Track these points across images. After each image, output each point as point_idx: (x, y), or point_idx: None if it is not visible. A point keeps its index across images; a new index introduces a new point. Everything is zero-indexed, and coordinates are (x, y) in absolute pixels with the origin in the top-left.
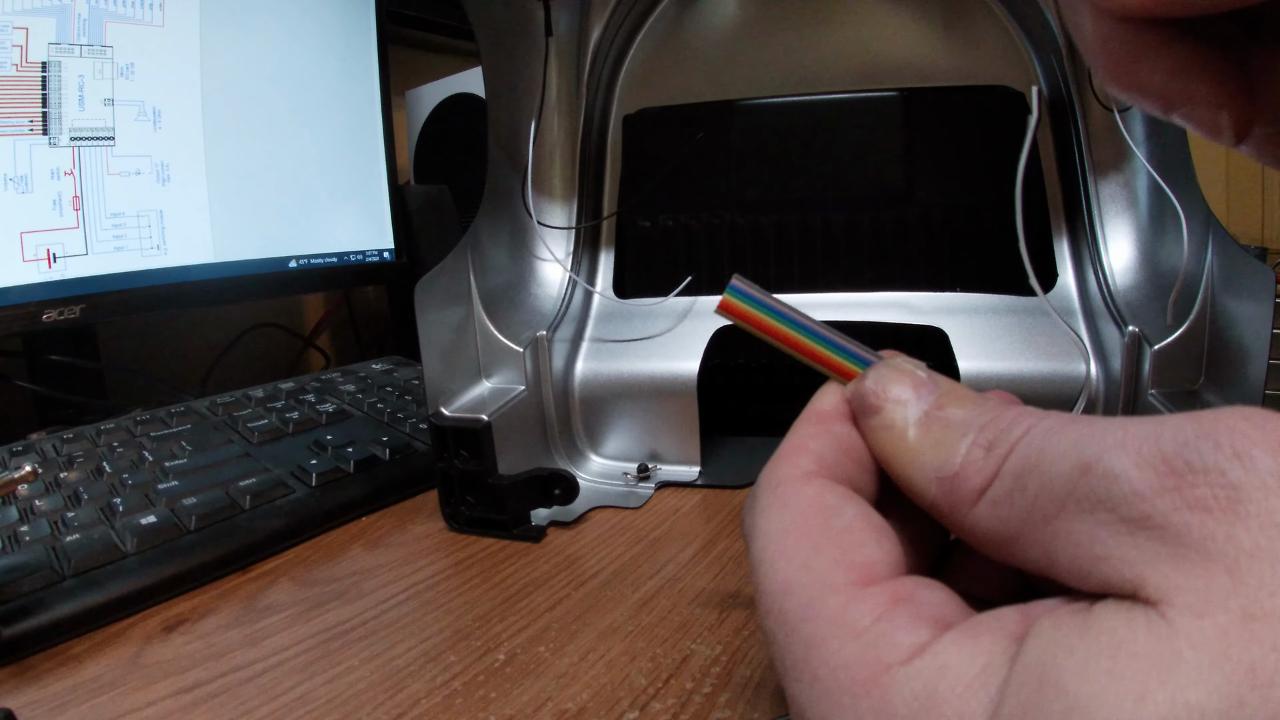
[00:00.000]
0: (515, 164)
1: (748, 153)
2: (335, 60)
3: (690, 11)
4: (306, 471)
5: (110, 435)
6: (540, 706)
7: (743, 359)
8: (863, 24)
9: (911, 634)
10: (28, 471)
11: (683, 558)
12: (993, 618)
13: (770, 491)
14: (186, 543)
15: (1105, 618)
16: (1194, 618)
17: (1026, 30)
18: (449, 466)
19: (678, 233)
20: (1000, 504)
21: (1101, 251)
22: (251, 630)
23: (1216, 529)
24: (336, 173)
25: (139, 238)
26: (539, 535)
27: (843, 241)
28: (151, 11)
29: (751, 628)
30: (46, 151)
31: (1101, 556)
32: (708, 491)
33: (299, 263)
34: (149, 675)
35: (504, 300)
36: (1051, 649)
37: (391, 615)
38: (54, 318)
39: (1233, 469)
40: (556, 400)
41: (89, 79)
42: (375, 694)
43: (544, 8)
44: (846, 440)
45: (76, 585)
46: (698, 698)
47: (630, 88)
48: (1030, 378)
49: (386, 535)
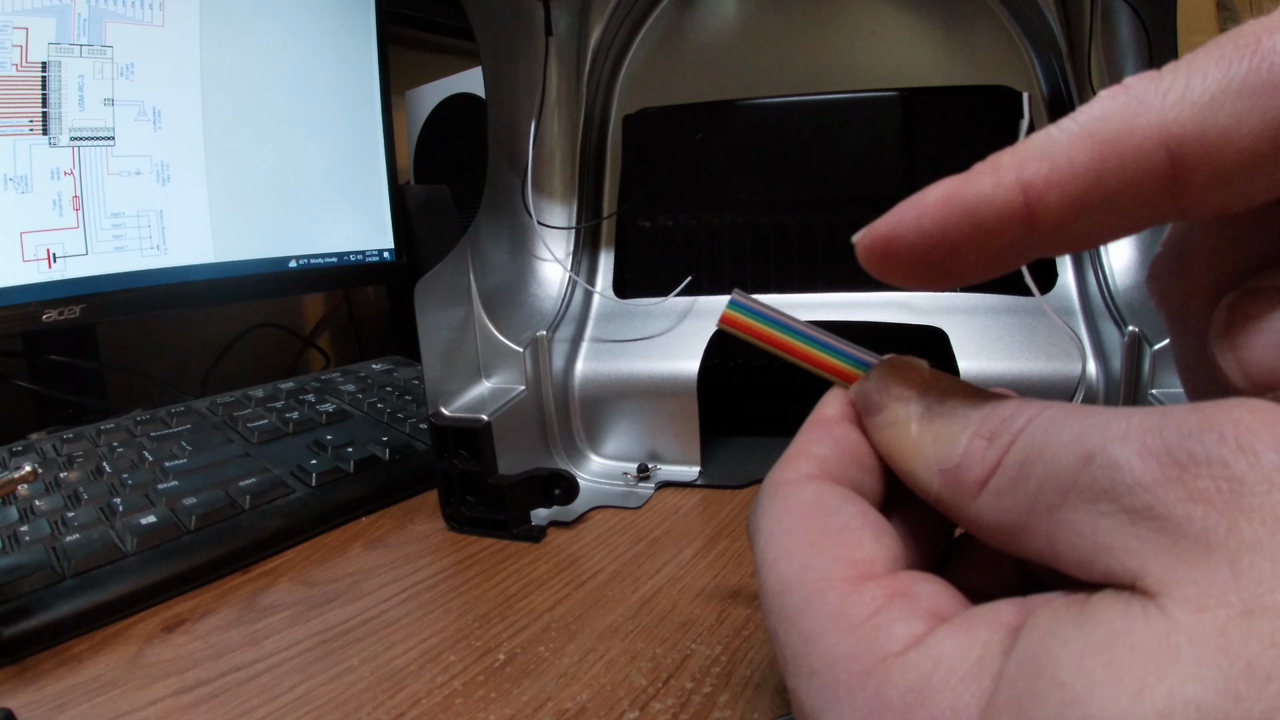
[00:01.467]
0: (515, 164)
1: (748, 153)
2: (335, 60)
3: (690, 11)
4: (306, 471)
5: (110, 435)
6: (540, 706)
7: (743, 359)
8: (862, 24)
9: (907, 627)
10: (28, 471)
11: (683, 558)
12: (989, 610)
13: (773, 494)
14: (186, 543)
15: (1102, 609)
16: (1193, 611)
17: (1026, 30)
18: (449, 466)
19: (678, 233)
20: (1003, 495)
21: (1101, 251)
22: (251, 630)
23: (1218, 522)
24: (336, 173)
25: (139, 238)
26: (539, 535)
27: (843, 241)
28: (151, 11)
29: (751, 628)
30: (46, 151)
31: (1104, 547)
32: (708, 491)
33: (299, 263)
34: (149, 675)
35: (504, 300)
36: (1047, 641)
37: (391, 615)
38: (54, 318)
39: (1236, 461)
40: (556, 400)
41: (89, 79)
42: (375, 694)
43: (544, 8)
44: (849, 442)
45: (76, 585)
46: (698, 698)
47: (630, 88)
48: (1030, 377)
49: (386, 535)
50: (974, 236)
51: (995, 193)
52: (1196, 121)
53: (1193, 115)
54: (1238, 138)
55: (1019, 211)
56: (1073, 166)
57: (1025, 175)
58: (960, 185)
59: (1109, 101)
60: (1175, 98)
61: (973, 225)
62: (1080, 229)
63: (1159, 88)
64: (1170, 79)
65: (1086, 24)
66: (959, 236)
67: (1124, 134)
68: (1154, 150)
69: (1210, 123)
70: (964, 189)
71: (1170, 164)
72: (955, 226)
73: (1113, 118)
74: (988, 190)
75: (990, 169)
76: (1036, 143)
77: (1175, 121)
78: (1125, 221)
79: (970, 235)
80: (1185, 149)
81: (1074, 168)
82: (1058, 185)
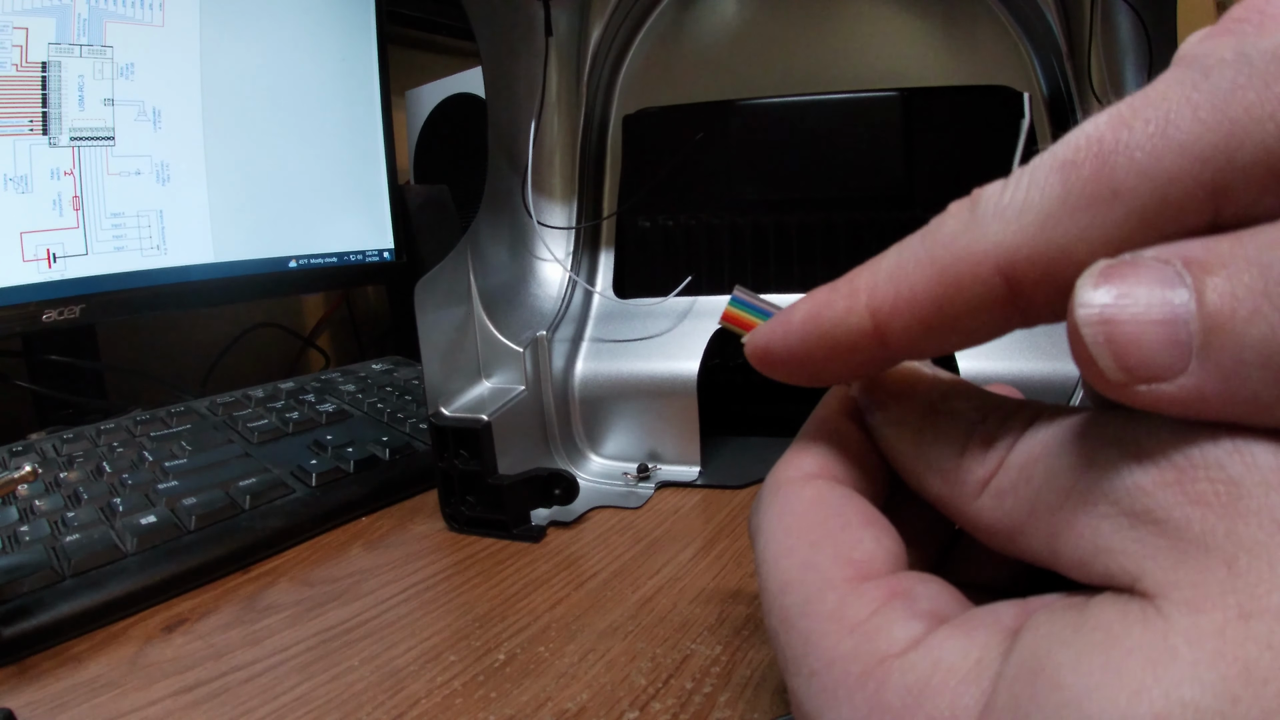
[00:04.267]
0: (515, 164)
1: (748, 153)
2: (335, 60)
3: (690, 11)
4: (306, 471)
5: (110, 435)
6: (540, 706)
7: (743, 359)
8: (862, 24)
9: (906, 628)
10: (28, 471)
11: (683, 558)
12: (989, 611)
13: (773, 494)
14: (186, 543)
15: (1101, 611)
16: (1190, 613)
17: (1026, 30)
18: (449, 466)
19: (678, 233)
20: (1004, 496)
21: None
22: (251, 630)
23: (1217, 524)
24: (336, 173)
25: (139, 238)
26: (539, 535)
27: (843, 241)
28: (151, 11)
29: (751, 627)
30: (46, 151)
31: (1103, 549)
32: (708, 491)
33: (299, 263)
34: (149, 675)
35: (504, 300)
36: (1046, 642)
37: (391, 615)
38: (54, 318)
39: (1232, 463)
40: (556, 400)
41: (89, 79)
42: (375, 694)
43: (544, 8)
44: (850, 441)
45: (76, 585)
46: (698, 698)
47: (630, 88)
48: (1030, 377)
49: (386, 535)
50: (834, 354)
51: (848, 318)
52: (1031, 244)
53: (1027, 238)
54: (1079, 255)
55: (870, 334)
56: (914, 294)
57: (875, 303)
58: (819, 308)
59: (953, 221)
60: (1012, 216)
61: (831, 344)
62: (931, 346)
63: (998, 205)
64: (1011, 193)
65: (1086, 24)
66: (821, 354)
67: (960, 260)
68: (989, 276)
69: (1047, 241)
70: (822, 312)
71: (1006, 287)
72: (816, 345)
73: (952, 244)
74: (841, 315)
75: (845, 293)
76: (885, 266)
77: (1009, 246)
78: (972, 338)
79: (830, 353)
80: (1018, 272)
81: (915, 295)
82: (903, 312)
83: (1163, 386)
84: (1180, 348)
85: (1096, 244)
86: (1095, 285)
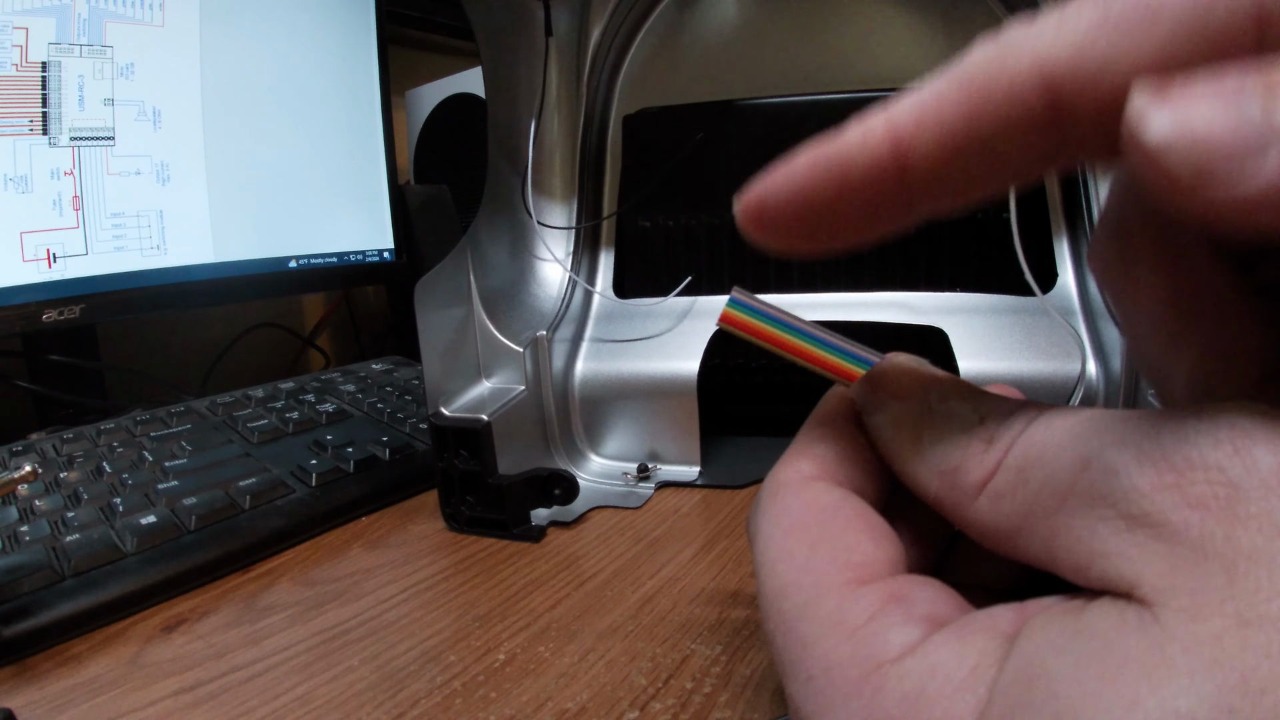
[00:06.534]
0: (515, 164)
1: (748, 153)
2: (335, 60)
3: (690, 11)
4: (306, 471)
5: (110, 435)
6: (540, 706)
7: (743, 359)
8: (862, 24)
9: (903, 633)
10: (28, 471)
11: (683, 558)
12: (986, 616)
13: (772, 496)
14: (186, 543)
15: (1098, 619)
16: (1187, 621)
17: None
18: (449, 466)
19: (678, 233)
20: (1001, 498)
21: None
22: (251, 630)
23: (1215, 528)
24: (336, 173)
25: (139, 238)
26: (539, 535)
27: None
28: (151, 11)
29: (751, 628)
30: (46, 151)
31: (1101, 553)
32: (708, 491)
33: (299, 263)
34: (149, 675)
35: (504, 300)
36: (1042, 650)
37: (391, 615)
38: (54, 318)
39: (1232, 466)
40: (556, 400)
41: (89, 79)
42: (375, 694)
43: (544, 8)
44: (849, 442)
45: (76, 585)
46: (698, 698)
47: (630, 88)
48: (1030, 377)
49: (386, 535)
50: (846, 191)
51: (864, 142)
52: (1072, 56)
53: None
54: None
55: (888, 160)
56: (941, 111)
57: (895, 123)
58: (830, 140)
59: (981, 47)
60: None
61: (843, 178)
62: (957, 177)
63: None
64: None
65: None
66: (831, 192)
67: (995, 73)
68: (1028, 87)
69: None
70: (833, 143)
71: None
72: (826, 181)
73: (984, 60)
74: (856, 142)
75: (860, 122)
76: (907, 95)
77: (1049, 57)
78: (1006, 168)
79: (842, 190)
80: (1059, 83)
81: (943, 112)
82: (927, 130)
83: (1239, 187)
84: (1254, 145)
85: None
86: (1157, 88)
